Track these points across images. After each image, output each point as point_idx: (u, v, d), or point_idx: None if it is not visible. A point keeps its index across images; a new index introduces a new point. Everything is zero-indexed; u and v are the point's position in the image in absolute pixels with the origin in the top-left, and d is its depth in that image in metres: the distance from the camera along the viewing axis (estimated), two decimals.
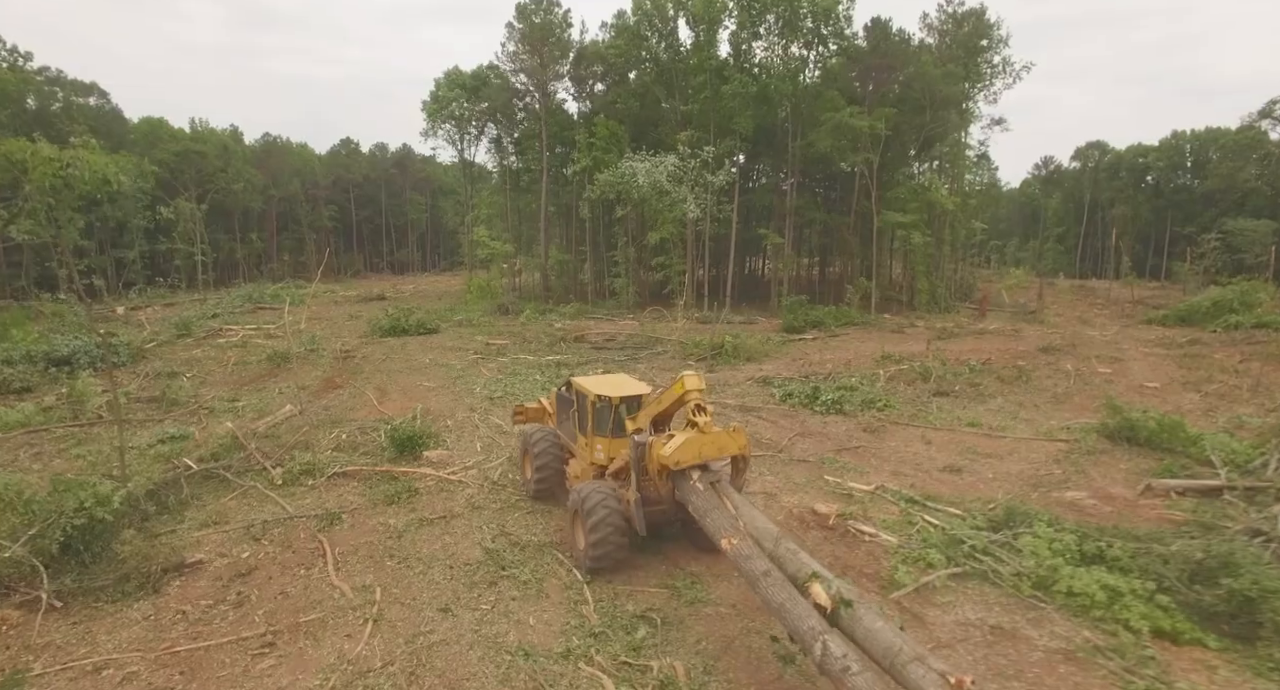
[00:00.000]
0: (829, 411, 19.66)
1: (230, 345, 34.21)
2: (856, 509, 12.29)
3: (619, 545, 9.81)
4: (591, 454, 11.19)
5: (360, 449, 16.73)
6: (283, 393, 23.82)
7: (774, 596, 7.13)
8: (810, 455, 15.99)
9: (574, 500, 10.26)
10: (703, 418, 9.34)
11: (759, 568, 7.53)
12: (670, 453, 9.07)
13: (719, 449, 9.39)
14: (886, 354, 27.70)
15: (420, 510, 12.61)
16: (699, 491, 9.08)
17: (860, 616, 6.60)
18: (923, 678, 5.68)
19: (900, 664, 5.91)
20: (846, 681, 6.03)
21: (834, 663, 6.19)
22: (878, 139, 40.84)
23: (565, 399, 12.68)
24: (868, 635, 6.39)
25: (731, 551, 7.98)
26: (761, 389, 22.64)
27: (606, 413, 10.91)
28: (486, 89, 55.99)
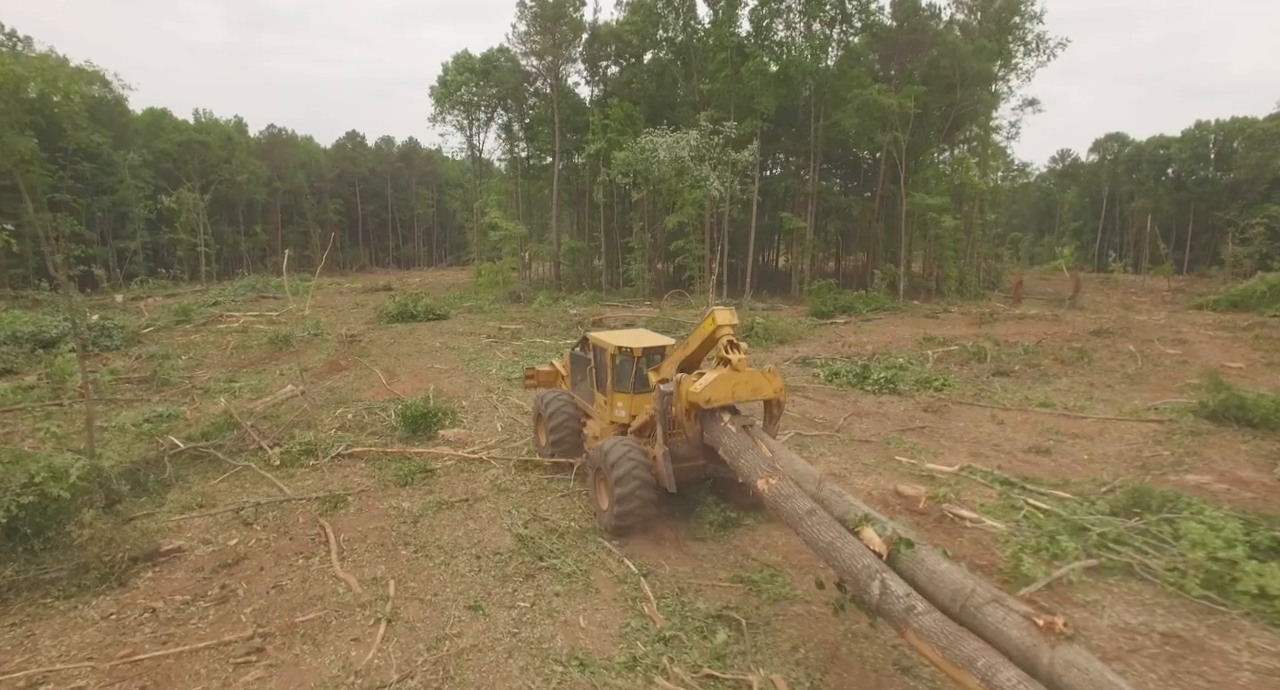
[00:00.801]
0: (881, 391, 17.88)
1: (230, 331, 32.64)
2: (946, 491, 10.50)
3: (646, 502, 9.01)
4: (611, 412, 10.41)
5: (368, 428, 15.04)
6: (284, 374, 22.15)
7: (820, 536, 6.26)
8: (872, 435, 14.23)
9: (595, 457, 9.47)
10: (736, 355, 8.60)
11: (801, 507, 6.68)
12: (701, 389, 8.38)
13: (753, 389, 8.69)
14: (928, 336, 25.94)
15: (438, 492, 10.90)
16: (731, 432, 8.35)
17: (922, 557, 5.70)
18: (1003, 620, 4.78)
19: (974, 606, 5.01)
20: (911, 622, 5.14)
21: (895, 602, 5.32)
22: (907, 118, 38.94)
23: (580, 359, 11.97)
24: (931, 577, 5.51)
25: (769, 492, 7.15)
26: (802, 369, 20.87)
27: (628, 366, 10.20)
28: (496, 72, 54.32)
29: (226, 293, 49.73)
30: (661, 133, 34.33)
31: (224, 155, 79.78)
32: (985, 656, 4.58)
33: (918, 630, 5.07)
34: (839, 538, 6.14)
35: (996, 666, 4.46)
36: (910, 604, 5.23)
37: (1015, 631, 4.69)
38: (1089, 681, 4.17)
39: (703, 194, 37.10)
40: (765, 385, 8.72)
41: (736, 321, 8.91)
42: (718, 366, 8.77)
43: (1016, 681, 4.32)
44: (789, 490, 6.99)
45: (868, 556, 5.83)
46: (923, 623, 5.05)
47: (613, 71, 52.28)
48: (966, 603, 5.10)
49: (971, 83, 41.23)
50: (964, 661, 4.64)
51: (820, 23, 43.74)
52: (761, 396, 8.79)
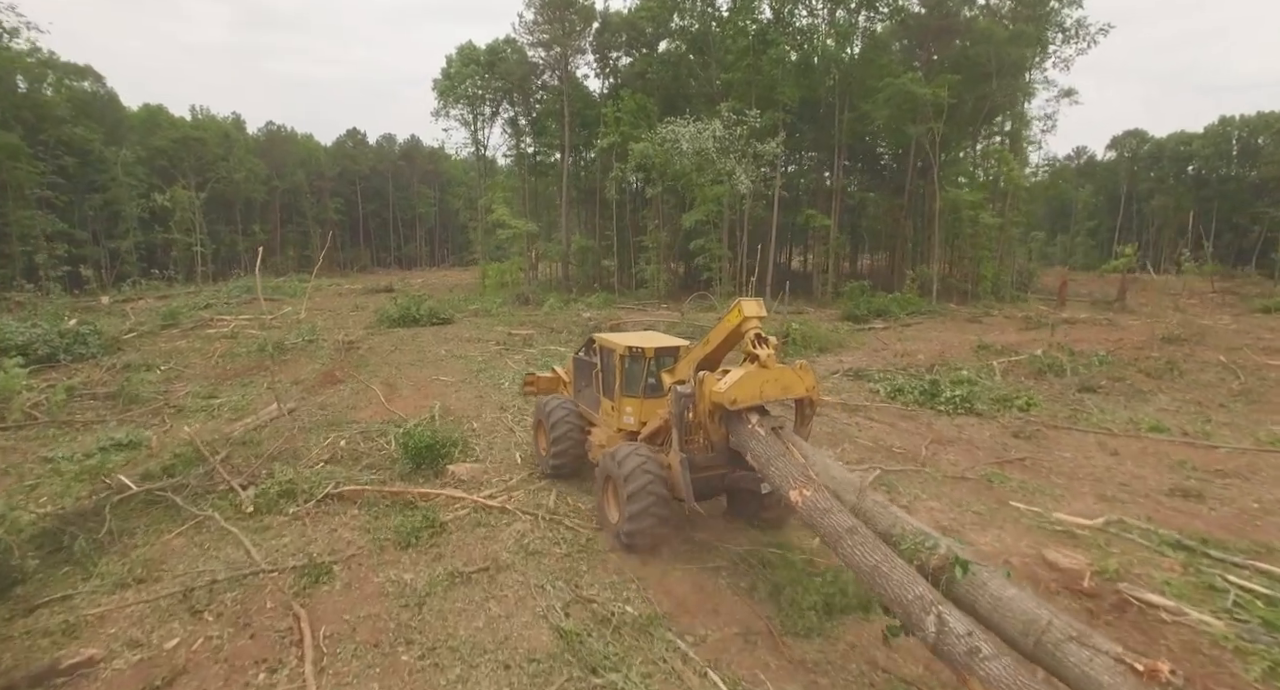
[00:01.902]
0: (956, 411, 15.49)
1: (219, 336, 30.29)
2: (1112, 563, 8.10)
3: (661, 517, 8.26)
4: (619, 419, 9.57)
5: (363, 460, 12.69)
6: (271, 388, 19.79)
7: (864, 559, 5.56)
8: (965, 470, 11.85)
9: (605, 465, 8.68)
10: (764, 350, 7.83)
11: (842, 524, 5.99)
12: (726, 389, 7.58)
13: (783, 388, 7.92)
14: (983, 343, 23.53)
15: (450, 557, 8.54)
16: (759, 436, 7.51)
17: (984, 581, 5.04)
18: (1089, 661, 4.02)
19: (1051, 643, 4.29)
20: (977, 668, 4.34)
21: (956, 643, 4.52)
22: (940, 108, 36.51)
23: (585, 363, 11.15)
24: (996, 606, 4.82)
25: (804, 504, 6.43)
26: (857, 384, 18.50)
27: (639, 368, 9.46)
28: (502, 64, 51.98)
29: (219, 294, 47.43)
30: (683, 122, 31.95)
31: (221, 153, 77.55)
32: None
33: (984, 680, 4.30)
34: (885, 561, 5.38)
35: None
36: (974, 646, 4.46)
37: (1106, 677, 3.98)
38: None
39: (725, 190, 34.76)
40: (797, 383, 7.94)
41: (764, 313, 8.06)
42: (745, 363, 7.91)
43: None
44: (826, 504, 6.23)
45: (920, 585, 5.07)
46: (990, 670, 4.29)
47: (625, 62, 49.97)
48: (1042, 637, 4.42)
49: (1007, 72, 38.80)
50: None
51: (845, 9, 41.37)
52: (792, 395, 8.00)
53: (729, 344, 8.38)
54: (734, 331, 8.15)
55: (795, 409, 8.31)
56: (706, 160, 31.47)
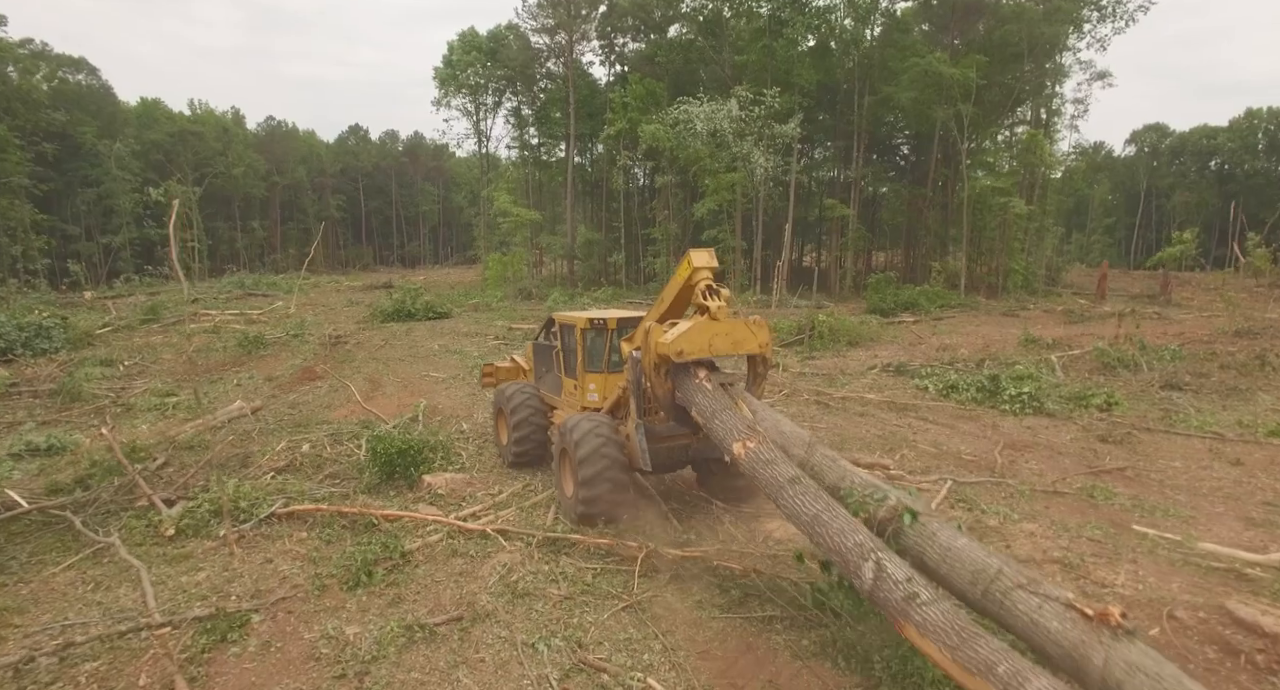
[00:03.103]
0: (1023, 411, 13.30)
1: (200, 331, 28.37)
2: None
3: (616, 486, 7.86)
4: (583, 397, 9.32)
5: (326, 468, 10.63)
6: (241, 385, 17.82)
7: (805, 508, 5.20)
8: (1055, 482, 9.68)
9: (560, 434, 8.37)
10: (715, 302, 7.30)
11: (784, 474, 5.56)
12: (672, 340, 7.06)
13: (734, 343, 7.37)
14: (1030, 337, 21.31)
15: (411, 601, 6.44)
16: (705, 390, 7.03)
17: (934, 532, 4.77)
18: (1038, 609, 3.87)
19: (1000, 591, 4.10)
20: (913, 614, 4.12)
21: (893, 589, 4.28)
22: (969, 90, 34.26)
23: (544, 348, 10.89)
24: (945, 556, 4.55)
25: (746, 456, 5.98)
26: (899, 381, 16.32)
27: (600, 342, 9.16)
28: (504, 51, 50.00)
29: (211, 290, 45.66)
30: (697, 102, 29.81)
31: (219, 147, 75.91)
32: (1008, 661, 3.57)
33: (920, 624, 4.04)
34: (826, 510, 5.14)
35: (1023, 675, 3.45)
36: (912, 592, 4.21)
37: (1055, 623, 3.75)
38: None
39: (740, 176, 32.60)
40: (749, 338, 7.45)
41: (715, 264, 7.62)
42: (695, 315, 7.50)
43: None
44: (769, 455, 5.94)
45: (861, 533, 4.85)
46: (927, 615, 4.02)
47: (632, 48, 47.92)
48: (990, 587, 4.20)
49: (1040, 52, 36.53)
50: (979, 666, 3.64)
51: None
52: (744, 351, 7.55)
53: (683, 299, 7.80)
54: (686, 285, 7.61)
55: (748, 367, 7.82)
56: (722, 143, 29.32)
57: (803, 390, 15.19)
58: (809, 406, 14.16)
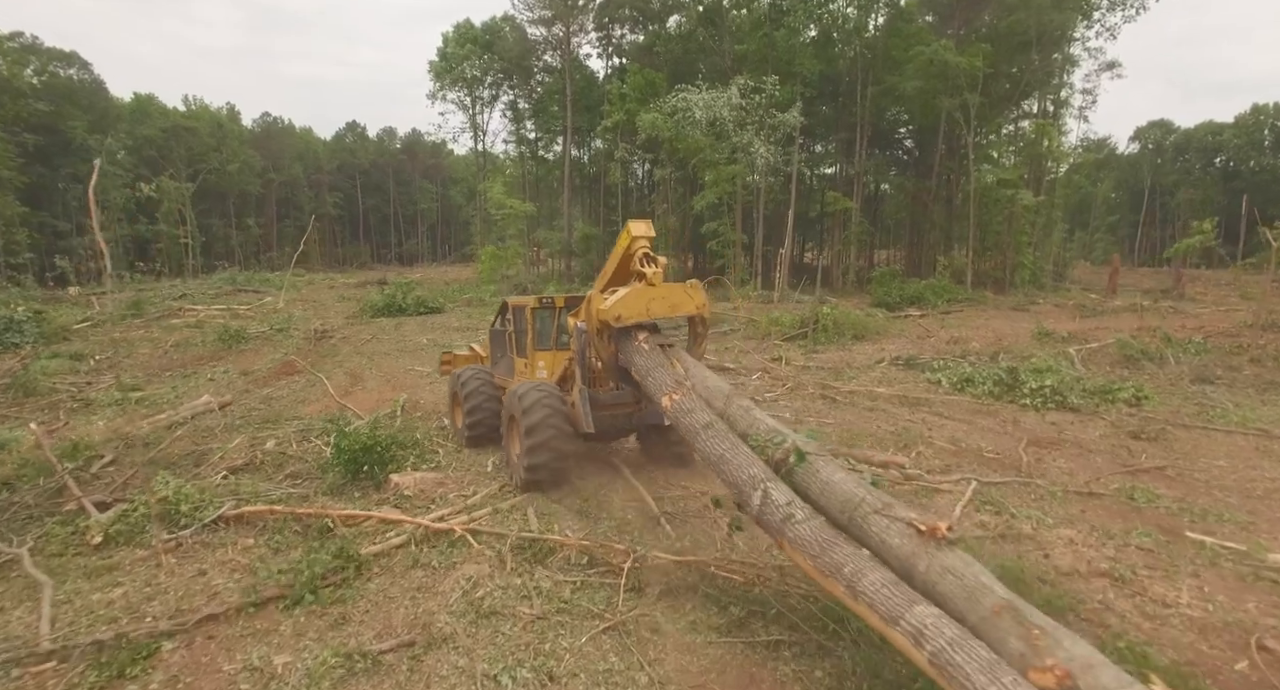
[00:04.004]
0: (1045, 405, 12.37)
1: (183, 326, 27.52)
2: None
3: (560, 452, 8.12)
4: (532, 373, 9.71)
5: (288, 466, 9.73)
6: (214, 379, 16.92)
7: (714, 448, 5.83)
8: (1088, 482, 8.76)
9: (508, 404, 8.61)
10: (651, 268, 7.70)
11: (700, 420, 6.17)
12: (611, 305, 7.47)
13: (671, 306, 7.76)
14: (1043, 330, 20.39)
15: (358, 621, 5.52)
16: (644, 351, 7.43)
17: (817, 469, 5.25)
18: (886, 528, 4.43)
19: (861, 517, 4.66)
20: (788, 531, 4.83)
21: (775, 512, 4.99)
22: (975, 79, 33.31)
23: (499, 334, 11.16)
24: (824, 489, 5.09)
25: (672, 407, 6.54)
26: (909, 374, 15.40)
27: (549, 321, 9.57)
28: (500, 43, 49.11)
29: (200, 286, 44.75)
30: (696, 90, 28.86)
31: (213, 143, 74.93)
32: (854, 562, 4.33)
33: (792, 540, 4.78)
34: (731, 449, 5.72)
35: (863, 571, 4.21)
36: (789, 513, 4.91)
37: (897, 540, 4.32)
38: (961, 587, 3.85)
39: (740, 169, 31.68)
40: (686, 301, 7.90)
41: (653, 234, 7.99)
42: (633, 281, 7.88)
43: (881, 584, 4.05)
44: (690, 405, 6.43)
45: (756, 467, 5.43)
46: (798, 531, 4.76)
47: (630, 39, 47.02)
48: (854, 513, 4.72)
49: (1048, 41, 35.58)
50: (832, 568, 4.42)
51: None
52: (682, 313, 8.00)
53: (625, 268, 8.12)
54: (626, 254, 7.99)
55: (689, 327, 8.26)
56: (721, 133, 28.39)
57: (807, 384, 14.27)
58: (814, 401, 13.25)
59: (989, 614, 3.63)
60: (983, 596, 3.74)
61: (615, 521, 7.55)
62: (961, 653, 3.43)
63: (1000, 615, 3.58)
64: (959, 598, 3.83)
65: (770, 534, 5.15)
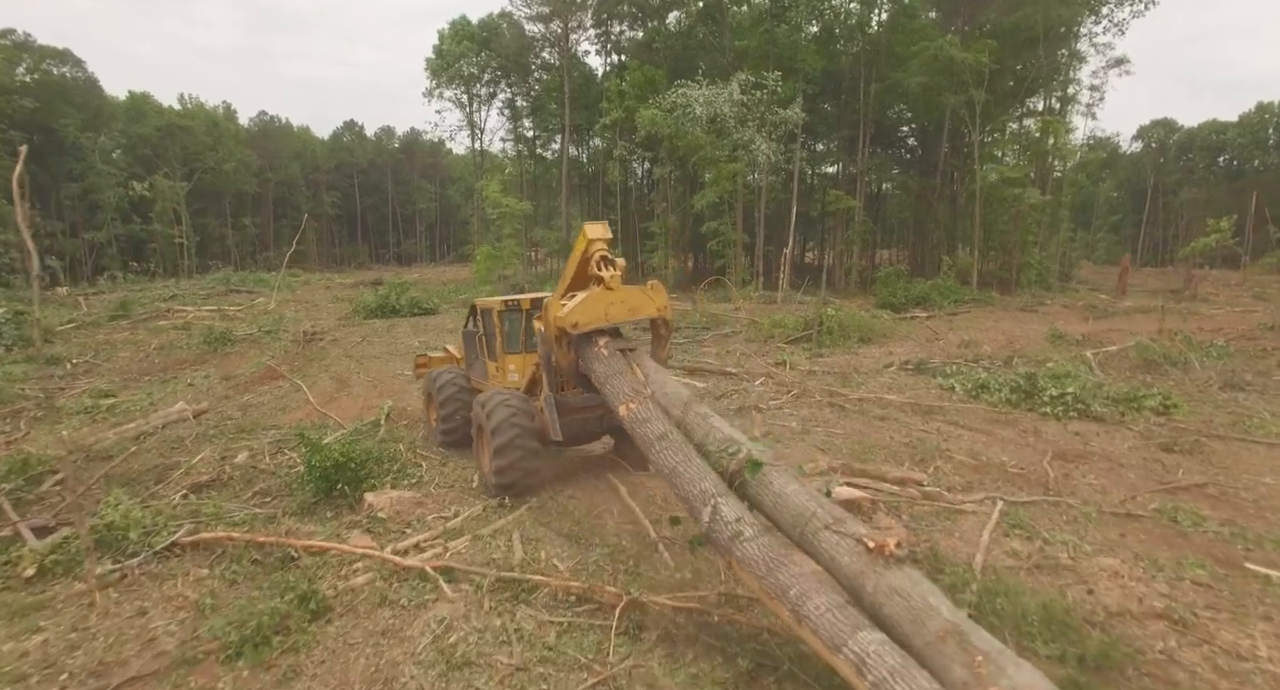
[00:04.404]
0: (1067, 414, 11.65)
1: (170, 328, 26.82)
2: None
3: (528, 454, 7.96)
4: (504, 378, 9.48)
5: (259, 482, 9.04)
6: (194, 385, 16.21)
7: (668, 460, 5.70)
8: (1124, 501, 8.05)
9: (476, 412, 8.47)
10: (609, 272, 7.54)
11: (655, 431, 6.04)
12: (567, 312, 7.31)
13: (631, 309, 7.64)
14: (1057, 333, 19.69)
15: (309, 675, 4.82)
16: (602, 357, 7.26)
17: (770, 480, 5.10)
18: (837, 545, 4.27)
19: (812, 532, 4.52)
20: (735, 550, 4.67)
21: (724, 528, 4.82)
22: (981, 76, 32.60)
23: (471, 335, 10.90)
24: (777, 502, 4.94)
25: (628, 415, 6.41)
26: (919, 380, 14.68)
27: (516, 323, 9.37)
28: (498, 40, 48.40)
29: (193, 286, 44.08)
30: (696, 85, 28.15)
31: (209, 142, 74.18)
32: (800, 584, 4.17)
33: (740, 558, 4.62)
34: (684, 462, 5.57)
35: (808, 594, 4.07)
36: (738, 530, 4.75)
37: (846, 558, 4.18)
38: (908, 609, 3.67)
39: (741, 167, 30.98)
40: (646, 304, 7.70)
41: (609, 235, 7.76)
42: (592, 286, 7.66)
43: (826, 608, 3.91)
44: (646, 414, 6.28)
45: (709, 481, 5.30)
46: (746, 550, 4.60)
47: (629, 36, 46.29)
48: (805, 528, 4.58)
49: (1055, 36, 34.86)
50: (778, 590, 4.26)
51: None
52: (643, 316, 7.74)
53: (584, 272, 7.93)
54: (584, 258, 7.83)
55: (651, 330, 8.12)
56: (722, 129, 27.69)
57: (814, 391, 13.56)
58: (822, 409, 12.54)
59: (934, 639, 3.49)
60: (929, 619, 3.60)
61: (609, 548, 6.86)
62: (902, 683, 3.34)
63: (945, 640, 3.45)
64: (905, 621, 3.68)
65: (719, 552, 5.00)
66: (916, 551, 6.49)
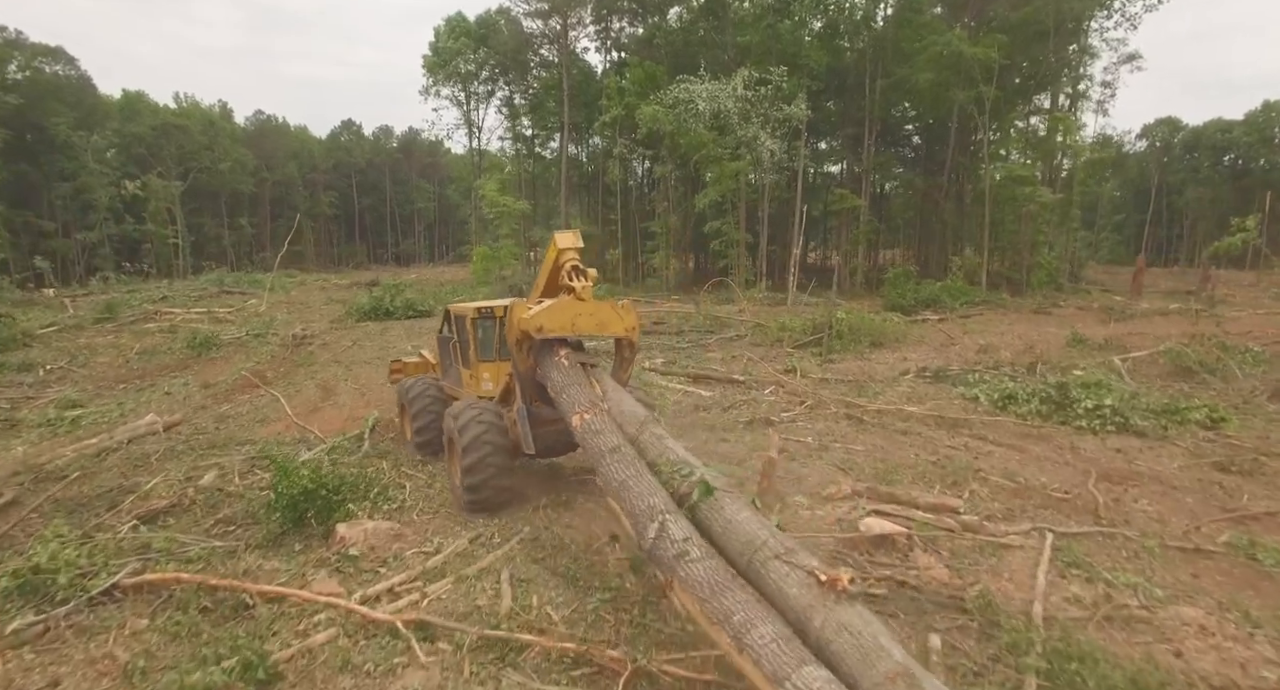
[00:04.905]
0: (1104, 428, 10.78)
1: (157, 330, 25.95)
2: None
3: (500, 470, 7.66)
4: (479, 386, 9.11)
5: (224, 507, 8.19)
6: (171, 393, 15.35)
7: (617, 475, 5.54)
8: (1186, 532, 7.19)
9: (446, 424, 8.26)
10: (580, 282, 7.49)
11: (607, 444, 5.94)
12: (533, 315, 7.18)
13: (598, 324, 7.46)
14: (1078, 337, 18.83)
15: None
16: (562, 367, 7.15)
17: (722, 506, 4.97)
18: (785, 576, 4.11)
19: (760, 561, 4.35)
20: (679, 569, 4.45)
21: (669, 547, 4.61)
22: (990, 71, 31.75)
23: (444, 339, 10.46)
24: (727, 528, 4.80)
25: (581, 426, 6.29)
26: (940, 389, 13.81)
27: (491, 331, 9.06)
28: (496, 36, 47.54)
29: (185, 287, 43.23)
30: (698, 80, 27.29)
31: (205, 141, 73.30)
32: (745, 611, 3.95)
33: (684, 579, 4.39)
34: (634, 477, 5.44)
35: (753, 622, 3.85)
36: (684, 550, 4.54)
37: (795, 589, 4.01)
38: (857, 648, 3.53)
39: (745, 165, 30.12)
40: (614, 321, 7.50)
41: (580, 244, 7.73)
42: (562, 294, 7.61)
43: (771, 638, 3.70)
44: (599, 426, 6.19)
45: (658, 497, 5.13)
46: (691, 571, 4.37)
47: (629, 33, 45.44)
48: (754, 556, 4.41)
49: (1066, 31, 34.00)
50: (721, 615, 4.04)
51: None
52: (609, 333, 7.60)
53: (555, 281, 7.93)
54: (554, 267, 7.83)
55: (615, 349, 7.99)
56: (725, 126, 26.82)
57: (829, 401, 12.69)
58: (838, 421, 11.68)
59: (883, 680, 3.36)
60: (878, 660, 3.47)
61: (610, 592, 5.99)
62: None
63: (895, 683, 3.33)
64: (853, 659, 3.55)
65: (661, 571, 4.79)
66: (965, 599, 5.68)
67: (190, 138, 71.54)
